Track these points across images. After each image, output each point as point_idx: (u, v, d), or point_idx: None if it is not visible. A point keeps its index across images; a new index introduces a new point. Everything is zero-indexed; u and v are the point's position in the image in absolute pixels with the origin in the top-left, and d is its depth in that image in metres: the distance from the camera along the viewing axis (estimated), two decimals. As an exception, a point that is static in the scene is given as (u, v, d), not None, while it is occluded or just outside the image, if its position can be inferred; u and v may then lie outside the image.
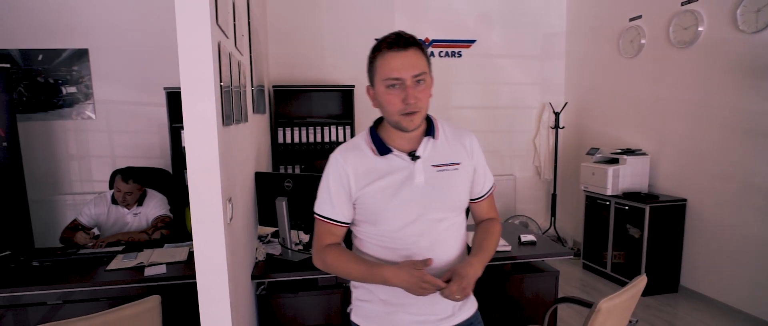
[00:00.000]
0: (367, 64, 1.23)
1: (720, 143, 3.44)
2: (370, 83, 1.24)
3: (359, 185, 1.23)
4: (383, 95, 1.19)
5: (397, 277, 1.15)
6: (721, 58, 3.39)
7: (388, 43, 1.15)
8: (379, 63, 1.18)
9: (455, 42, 4.96)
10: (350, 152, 1.26)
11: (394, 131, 1.25)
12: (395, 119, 1.19)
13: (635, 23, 4.17)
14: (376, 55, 1.18)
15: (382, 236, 1.25)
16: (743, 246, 3.30)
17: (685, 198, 3.77)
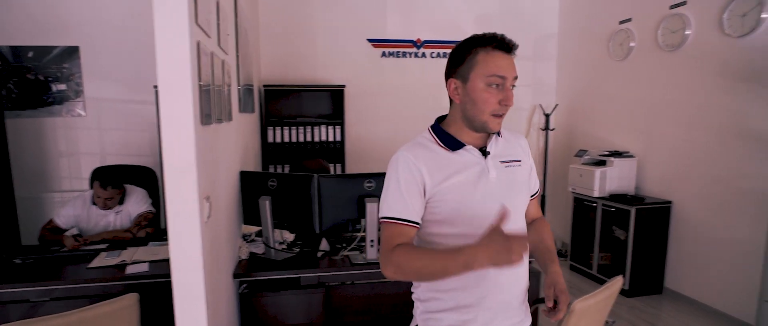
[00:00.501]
0: (457, 56, 1.19)
1: (706, 146, 3.47)
2: (459, 77, 1.19)
3: (435, 180, 1.17)
4: (480, 92, 1.16)
5: (489, 247, 0.97)
6: (708, 61, 3.42)
7: (497, 43, 1.16)
8: (483, 58, 1.15)
9: (448, 43, 4.96)
10: (418, 149, 1.21)
11: (461, 129, 1.23)
12: (484, 119, 1.18)
13: (625, 26, 4.19)
14: (478, 50, 1.16)
15: (461, 236, 1.16)
16: (727, 248, 3.33)
17: (670, 201, 3.80)
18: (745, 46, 3.13)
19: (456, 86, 1.20)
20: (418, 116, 5.00)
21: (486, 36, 1.17)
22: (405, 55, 4.88)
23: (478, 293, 1.19)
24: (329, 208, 2.40)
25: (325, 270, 2.35)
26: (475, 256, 0.99)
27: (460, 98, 1.20)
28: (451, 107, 1.26)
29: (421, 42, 4.90)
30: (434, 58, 4.95)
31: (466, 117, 1.21)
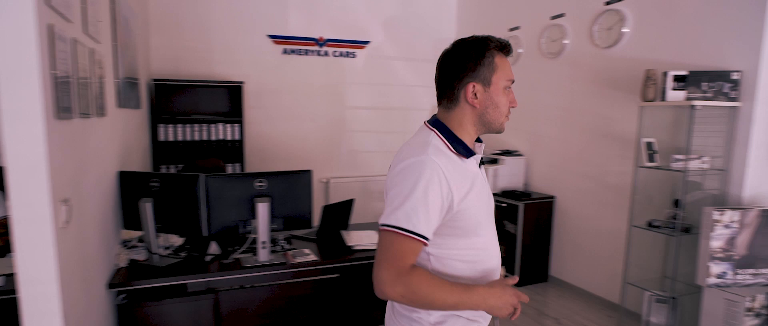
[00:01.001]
0: (476, 59, 1.14)
1: (581, 145, 3.82)
2: (480, 81, 1.14)
3: (461, 194, 1.10)
4: (500, 95, 1.16)
5: (501, 298, 1.10)
6: (582, 69, 3.77)
7: (506, 47, 1.17)
8: (501, 63, 1.15)
9: (350, 42, 4.98)
10: (442, 158, 1.10)
11: (467, 134, 1.19)
12: (502, 121, 1.19)
13: (514, 33, 4.49)
14: (494, 53, 1.15)
15: (471, 249, 1.16)
16: (598, 237, 3.69)
17: (553, 195, 4.14)
18: (611, 56, 3.50)
19: (476, 90, 1.15)
20: (322, 114, 5.00)
21: (501, 41, 1.17)
22: (307, 53, 4.81)
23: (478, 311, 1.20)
24: (218, 209, 2.28)
25: (215, 274, 2.23)
26: (486, 300, 1.09)
27: (480, 102, 1.16)
28: (458, 110, 1.18)
29: (324, 40, 4.87)
30: (337, 57, 4.94)
31: (483, 121, 1.18)
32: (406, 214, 1.05)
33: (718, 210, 2.50)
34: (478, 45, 1.14)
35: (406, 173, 1.08)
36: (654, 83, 2.83)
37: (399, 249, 1.06)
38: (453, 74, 1.16)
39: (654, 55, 3.15)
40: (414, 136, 1.21)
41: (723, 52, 2.74)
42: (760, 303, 2.50)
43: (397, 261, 1.05)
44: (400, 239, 1.05)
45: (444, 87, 1.19)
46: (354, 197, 3.20)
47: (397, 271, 1.04)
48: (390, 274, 1.04)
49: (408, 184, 1.06)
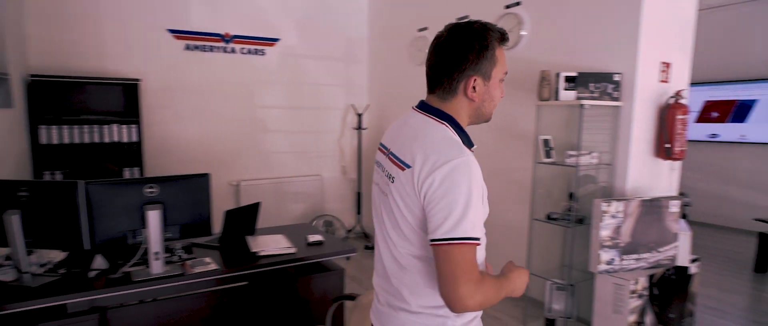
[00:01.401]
0: (483, 51, 1.09)
1: (489, 143, 3.97)
2: (482, 74, 1.11)
3: (485, 188, 1.10)
4: (496, 88, 1.16)
5: (523, 278, 1.28)
6: (486, 69, 3.92)
7: (507, 38, 1.14)
8: (500, 55, 1.13)
9: (258, 39, 4.80)
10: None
11: (464, 124, 1.18)
12: (491, 112, 1.19)
13: (422, 34, 4.57)
14: (495, 46, 1.11)
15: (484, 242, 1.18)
16: (505, 231, 3.86)
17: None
18: (512, 58, 3.66)
19: (476, 83, 1.12)
20: (231, 114, 4.76)
21: (501, 31, 1.13)
22: (212, 49, 4.56)
23: None
24: (103, 219, 2.07)
25: (99, 291, 2.01)
26: (518, 284, 1.24)
27: (478, 96, 1.13)
28: (456, 102, 1.15)
29: (231, 37, 4.64)
30: (245, 54, 4.74)
31: (477, 113, 1.17)
32: (471, 223, 1.01)
33: (605, 202, 2.70)
34: (481, 36, 1.10)
35: (455, 178, 1.01)
36: (548, 84, 3.00)
37: (471, 259, 1.02)
38: (453, 64, 1.11)
39: (549, 57, 3.34)
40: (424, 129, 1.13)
41: (606, 56, 2.98)
42: (642, 286, 2.74)
43: (473, 273, 1.02)
44: (471, 249, 1.02)
45: (440, 76, 1.14)
46: (267, 199, 3.07)
47: (475, 283, 1.01)
48: (470, 288, 1.00)
49: (462, 190, 1.01)
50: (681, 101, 2.94)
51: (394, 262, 1.18)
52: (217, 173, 4.60)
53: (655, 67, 2.97)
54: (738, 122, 6.08)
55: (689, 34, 3.17)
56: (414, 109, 1.21)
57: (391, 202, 1.13)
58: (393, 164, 1.13)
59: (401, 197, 1.09)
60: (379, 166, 1.23)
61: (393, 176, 1.13)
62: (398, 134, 1.19)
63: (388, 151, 1.18)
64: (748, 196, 6.05)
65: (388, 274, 1.20)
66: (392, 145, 1.18)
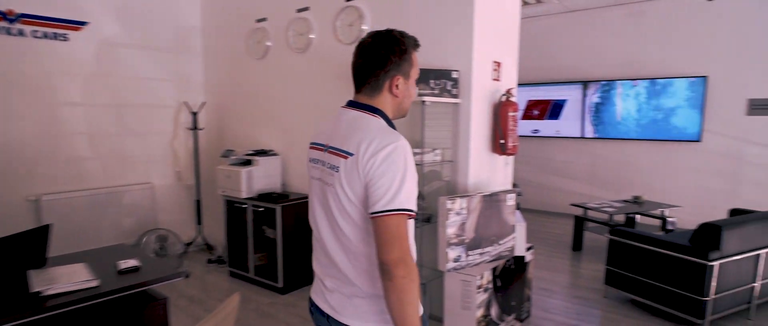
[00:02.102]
0: (405, 54, 1.27)
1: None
2: (404, 74, 1.29)
3: None
4: (413, 86, 1.34)
5: None
6: (329, 64, 3.73)
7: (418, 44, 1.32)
8: (416, 59, 1.32)
9: (57, 21, 3.93)
10: None
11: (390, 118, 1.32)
12: (408, 107, 1.37)
13: (261, 25, 4.21)
14: (412, 51, 1.30)
15: None
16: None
17: (310, 194, 4.03)
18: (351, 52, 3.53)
19: (399, 82, 1.29)
20: (19, 114, 3.77)
21: (415, 39, 1.32)
22: (-11, 31, 3.61)
23: None
24: None
25: None
26: None
27: (400, 93, 1.30)
28: (381, 98, 1.30)
29: (16, 15, 3.72)
30: (39, 38, 3.85)
31: (400, 108, 1.33)
32: (406, 197, 1.14)
33: (449, 199, 2.70)
34: (400, 41, 1.27)
35: (393, 157, 1.15)
36: (391, 80, 2.91)
37: (404, 229, 1.15)
38: (376, 65, 1.27)
39: (392, 54, 3.28)
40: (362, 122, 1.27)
41: (445, 53, 3.00)
42: (486, 279, 2.81)
43: (405, 241, 1.15)
44: (404, 220, 1.15)
45: (366, 76, 1.29)
46: (80, 216, 2.44)
47: (404, 252, 1.13)
48: (402, 254, 1.13)
49: (399, 168, 1.15)
50: (511, 99, 3.10)
51: (345, 253, 1.28)
52: (5, 187, 3.67)
53: (488, 66, 3.08)
54: (553, 119, 6.89)
55: (515, 37, 3.37)
56: (345, 107, 1.34)
57: (338, 190, 1.23)
58: (335, 156, 1.25)
59: (347, 181, 1.21)
60: (317, 162, 1.34)
61: (336, 166, 1.24)
62: (335, 131, 1.31)
63: (327, 146, 1.31)
64: (564, 184, 6.90)
65: (336, 263, 1.30)
66: (330, 140, 1.30)
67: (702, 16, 5.64)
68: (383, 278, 1.15)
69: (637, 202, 5.11)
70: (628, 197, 5.46)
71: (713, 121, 5.68)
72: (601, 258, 4.74)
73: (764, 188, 5.43)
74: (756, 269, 3.25)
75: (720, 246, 3.00)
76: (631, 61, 6.18)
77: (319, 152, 1.34)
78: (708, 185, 5.76)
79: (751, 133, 5.49)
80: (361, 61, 1.29)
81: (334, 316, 1.30)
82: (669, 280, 3.22)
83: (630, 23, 6.16)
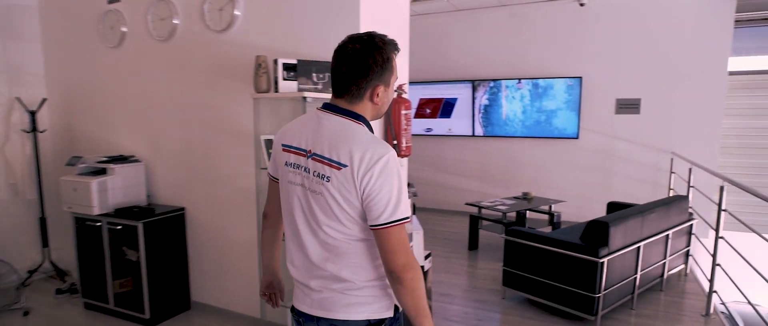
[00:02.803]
0: (385, 64, 1.26)
1: (205, 144, 3.27)
2: (384, 83, 1.29)
3: None
4: (391, 91, 1.34)
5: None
6: (197, 55, 3.21)
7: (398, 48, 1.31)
8: (396, 65, 1.30)
9: None
10: None
11: None
12: (384, 111, 1.35)
13: (114, 7, 3.53)
14: (392, 57, 1.28)
15: None
16: (236, 249, 3.26)
17: (182, 207, 3.47)
18: (225, 41, 3.06)
19: (380, 91, 1.28)
20: None
21: (395, 43, 1.29)
22: None
23: None
24: None
25: None
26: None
27: (380, 100, 1.29)
28: (362, 105, 1.29)
29: None
30: None
31: (377, 113, 1.33)
32: (405, 205, 1.22)
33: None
34: (382, 49, 1.25)
35: (388, 170, 1.20)
36: (266, 72, 2.51)
37: (405, 235, 1.24)
38: (359, 74, 1.25)
39: (267, 42, 2.86)
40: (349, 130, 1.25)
41: (329, 43, 2.66)
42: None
43: (407, 247, 1.24)
44: (404, 227, 1.23)
45: (349, 84, 1.26)
46: None
47: (408, 256, 1.23)
48: (405, 259, 1.22)
49: (394, 179, 1.21)
50: (404, 96, 2.87)
51: (329, 251, 1.30)
52: None
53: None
54: (445, 117, 6.92)
55: (405, 30, 3.14)
56: (324, 111, 1.30)
57: (328, 199, 1.25)
58: (323, 164, 1.25)
59: (340, 193, 1.23)
60: (298, 167, 1.31)
61: (327, 176, 1.24)
62: (318, 136, 1.27)
63: (310, 153, 1.28)
64: (457, 182, 6.96)
65: (321, 265, 1.32)
66: (314, 147, 1.28)
67: (577, 20, 5.98)
68: (393, 282, 1.25)
69: (526, 198, 5.24)
70: (518, 194, 5.60)
71: (588, 119, 6.04)
72: (497, 256, 4.76)
73: (632, 180, 5.90)
74: (637, 261, 3.38)
75: (608, 242, 3.05)
76: (515, 61, 6.38)
77: (300, 157, 1.31)
78: (586, 180, 6.12)
79: (619, 130, 5.93)
80: (344, 70, 1.26)
81: (325, 316, 1.33)
82: (562, 278, 3.22)
83: (513, 24, 6.35)
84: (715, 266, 3.34)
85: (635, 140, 5.87)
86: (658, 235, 3.56)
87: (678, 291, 3.96)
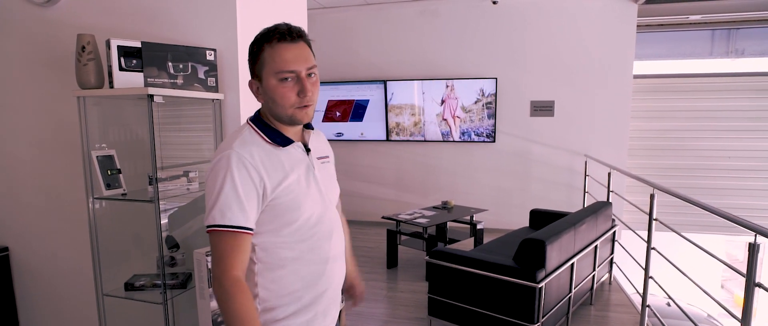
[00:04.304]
0: (250, 56, 1.17)
1: (30, 158, 2.39)
2: (256, 77, 1.17)
3: (274, 181, 1.13)
4: (276, 88, 1.14)
5: None
6: (17, 39, 2.33)
7: (280, 35, 1.12)
8: (270, 55, 1.13)
9: None
10: (252, 147, 1.13)
11: (281, 124, 1.20)
12: (289, 113, 1.16)
13: None
14: (263, 46, 1.13)
15: (298, 232, 1.18)
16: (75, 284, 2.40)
17: (6, 247, 2.54)
18: (50, 20, 2.22)
19: (256, 86, 1.18)
20: None
21: (268, 30, 1.13)
22: None
23: (317, 290, 1.22)
24: None
25: None
26: None
27: (262, 98, 1.19)
28: (262, 105, 1.22)
29: None
30: None
31: (273, 114, 1.18)
32: (220, 210, 1.08)
33: (210, 250, 1.70)
34: (252, 42, 1.16)
35: (214, 170, 1.10)
36: (93, 59, 1.74)
37: (224, 248, 1.09)
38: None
39: (107, 21, 2.08)
40: None
41: (193, 21, 1.97)
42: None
43: (225, 261, 1.08)
44: (223, 237, 1.08)
45: None
46: None
47: (225, 273, 1.08)
48: (221, 274, 1.08)
49: (213, 180, 1.09)
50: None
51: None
52: None
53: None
54: (357, 121, 6.36)
55: (302, 13, 2.52)
56: None
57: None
58: None
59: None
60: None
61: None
62: None
63: None
64: (372, 190, 6.43)
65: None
66: None
67: (490, 19, 5.72)
68: None
69: (446, 208, 4.83)
70: (437, 203, 5.18)
71: (504, 121, 5.82)
72: (419, 274, 4.26)
73: (548, 183, 5.75)
74: (572, 277, 3.05)
75: (544, 263, 2.65)
76: (429, 60, 6.00)
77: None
78: (504, 185, 5.88)
79: (534, 133, 5.77)
80: None
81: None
82: (496, 306, 2.78)
83: (425, 21, 5.97)
84: (648, 278, 3.10)
85: (550, 143, 5.74)
86: (588, 247, 3.28)
87: (606, 302, 3.73)
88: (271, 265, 1.17)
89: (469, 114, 5.89)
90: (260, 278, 1.16)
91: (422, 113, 6.06)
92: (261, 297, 1.17)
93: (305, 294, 1.21)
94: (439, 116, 6.00)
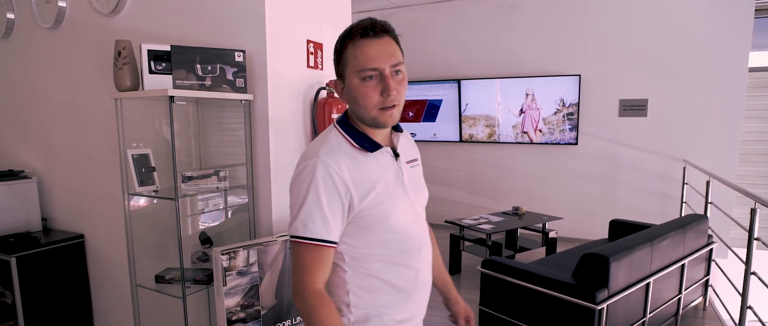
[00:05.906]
0: (334, 55, 1.10)
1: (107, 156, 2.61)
2: (340, 77, 1.11)
3: (362, 193, 1.07)
4: (358, 88, 1.07)
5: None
6: (86, 44, 2.56)
7: (362, 30, 1.04)
8: (352, 53, 1.06)
9: None
10: (339, 156, 1.07)
11: (366, 127, 1.13)
12: (372, 115, 1.09)
13: (-3, -11, 2.90)
14: (346, 44, 1.07)
15: (387, 243, 1.13)
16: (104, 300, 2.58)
17: (81, 234, 2.81)
18: (116, 27, 2.40)
19: (341, 86, 1.13)
20: None
21: (351, 27, 1.07)
22: None
23: (406, 300, 1.18)
24: None
25: None
26: None
27: (346, 98, 1.13)
28: (347, 107, 1.16)
29: None
30: None
31: (357, 116, 1.12)
32: (306, 221, 1.04)
33: (224, 253, 1.71)
34: (338, 39, 1.10)
35: (298, 179, 1.07)
36: (128, 63, 1.83)
37: (306, 260, 1.06)
38: None
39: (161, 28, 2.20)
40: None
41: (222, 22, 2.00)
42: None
43: (307, 274, 1.05)
44: (305, 250, 1.06)
45: None
46: None
47: (308, 287, 1.05)
48: (303, 288, 1.05)
49: (299, 190, 1.06)
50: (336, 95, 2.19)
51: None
52: None
53: (299, 47, 2.14)
54: (430, 121, 6.24)
55: (346, 9, 2.48)
56: None
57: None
58: None
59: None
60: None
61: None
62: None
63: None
64: (445, 192, 6.27)
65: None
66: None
67: (574, 11, 5.29)
68: None
69: (516, 214, 4.55)
70: (508, 209, 4.90)
71: (587, 122, 5.35)
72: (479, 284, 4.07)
73: (638, 192, 5.19)
74: (646, 299, 2.69)
75: (608, 282, 2.36)
76: (505, 58, 5.69)
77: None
78: (586, 191, 5.41)
79: (624, 135, 5.23)
80: None
81: None
82: (552, 324, 2.53)
83: (503, 17, 5.67)
84: (746, 307, 2.65)
85: (642, 147, 5.16)
86: (672, 266, 2.87)
87: (696, 331, 3.26)
88: (361, 274, 1.13)
89: (548, 125, 5.50)
90: (351, 285, 1.13)
91: (497, 124, 5.76)
92: (353, 304, 1.14)
93: (396, 305, 1.17)
94: (516, 127, 5.67)
